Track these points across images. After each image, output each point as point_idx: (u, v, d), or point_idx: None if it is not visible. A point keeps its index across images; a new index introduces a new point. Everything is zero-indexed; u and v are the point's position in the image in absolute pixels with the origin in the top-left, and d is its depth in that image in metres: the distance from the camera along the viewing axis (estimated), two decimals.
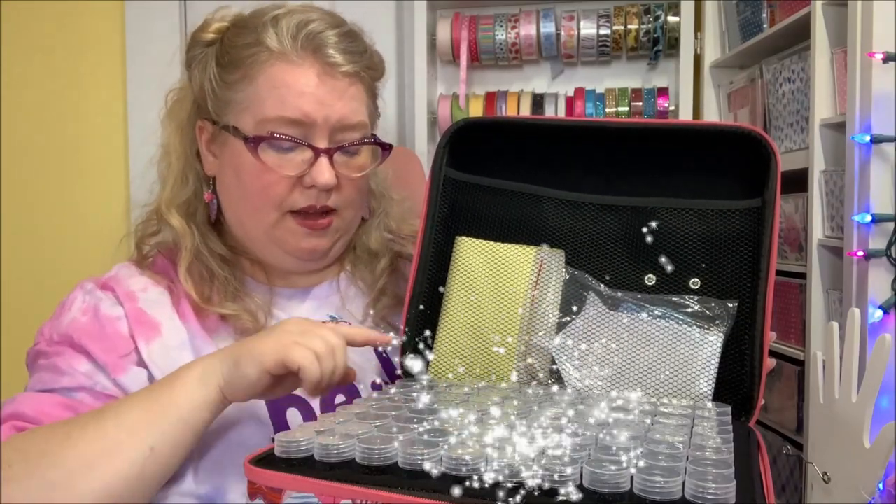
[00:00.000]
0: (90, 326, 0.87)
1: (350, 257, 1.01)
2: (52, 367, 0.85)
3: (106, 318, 0.88)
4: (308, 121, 0.86)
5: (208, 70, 0.91)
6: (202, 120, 0.93)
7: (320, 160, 0.87)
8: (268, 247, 0.92)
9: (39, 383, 0.85)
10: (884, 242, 1.25)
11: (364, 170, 0.92)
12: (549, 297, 0.84)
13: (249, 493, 0.65)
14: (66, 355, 0.86)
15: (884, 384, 0.94)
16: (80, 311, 0.89)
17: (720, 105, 1.97)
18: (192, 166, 0.94)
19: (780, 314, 1.61)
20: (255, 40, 0.88)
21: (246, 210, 0.91)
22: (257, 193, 0.88)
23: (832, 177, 1.42)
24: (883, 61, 1.23)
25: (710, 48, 1.95)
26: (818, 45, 1.44)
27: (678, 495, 0.51)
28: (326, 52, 0.88)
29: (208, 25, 0.93)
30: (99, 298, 0.90)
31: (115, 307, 0.89)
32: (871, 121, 1.26)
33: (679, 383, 0.77)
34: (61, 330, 0.87)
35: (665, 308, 0.80)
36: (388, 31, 2.11)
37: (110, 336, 0.87)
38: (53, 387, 0.84)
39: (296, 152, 0.88)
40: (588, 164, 0.88)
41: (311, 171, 0.87)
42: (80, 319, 0.88)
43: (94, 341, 0.86)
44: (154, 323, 0.88)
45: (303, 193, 0.88)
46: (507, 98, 2.00)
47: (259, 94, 0.87)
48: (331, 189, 0.89)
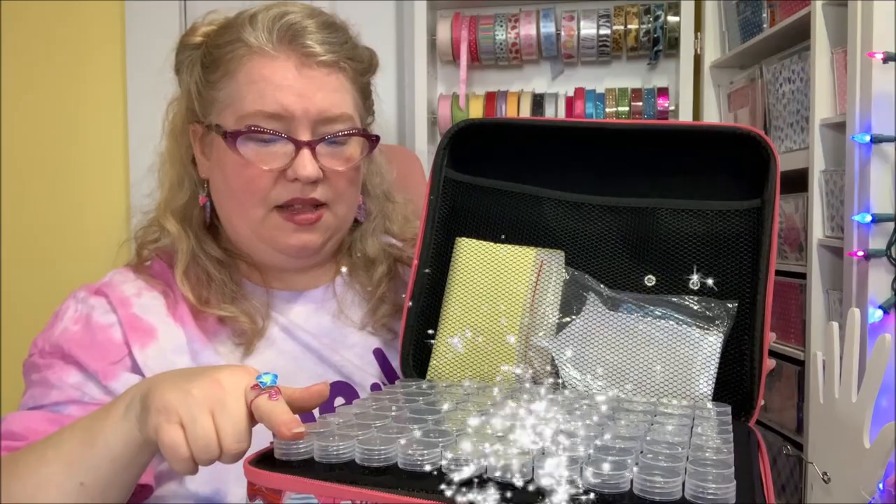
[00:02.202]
0: (81, 335, 0.87)
1: (347, 261, 1.00)
2: (43, 381, 0.85)
3: (98, 325, 0.88)
4: (287, 114, 0.86)
5: (194, 72, 0.92)
6: (193, 124, 0.93)
7: (302, 153, 0.86)
8: (258, 245, 0.92)
9: (31, 400, 0.85)
10: (884, 242, 1.25)
11: (352, 162, 0.91)
12: (549, 297, 0.84)
13: (249, 495, 0.64)
14: (56, 368, 0.85)
15: (884, 384, 0.94)
16: (72, 320, 0.89)
17: (720, 105, 1.97)
18: (187, 171, 0.95)
19: (780, 314, 1.61)
20: (234, 38, 0.89)
21: (233, 208, 0.91)
22: (241, 189, 0.88)
23: (832, 177, 1.42)
24: (883, 61, 1.23)
25: (710, 48, 1.95)
26: (818, 45, 1.44)
27: (678, 495, 0.51)
28: (303, 41, 0.87)
29: (195, 30, 0.94)
30: (91, 307, 0.90)
31: (107, 314, 0.89)
32: (871, 121, 1.26)
33: (679, 383, 0.77)
34: (53, 341, 0.87)
35: (665, 308, 0.80)
36: (388, 31, 2.12)
37: (101, 343, 0.86)
38: (43, 402, 0.84)
39: (277, 146, 0.87)
40: (588, 165, 0.88)
41: (293, 165, 0.86)
42: (72, 329, 0.88)
43: (84, 350, 0.86)
44: (149, 328, 0.88)
45: (286, 187, 0.87)
46: (507, 98, 2.00)
47: (239, 90, 0.87)
48: (316, 182, 0.88)
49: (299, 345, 0.92)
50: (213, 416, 0.64)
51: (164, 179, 0.96)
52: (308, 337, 0.93)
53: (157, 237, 0.96)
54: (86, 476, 0.70)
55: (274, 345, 0.92)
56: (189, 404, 0.64)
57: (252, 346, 0.90)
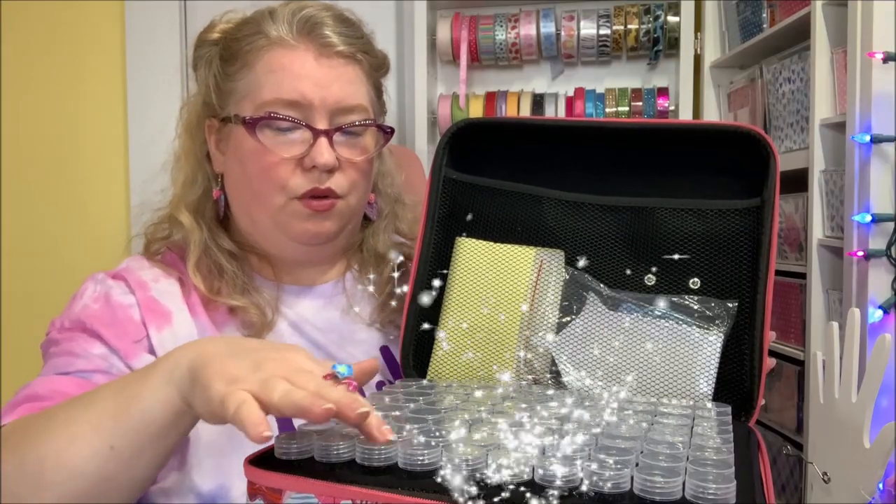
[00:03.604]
0: (102, 312, 0.88)
1: (357, 258, 1.01)
2: (66, 352, 0.85)
3: (118, 304, 0.89)
4: (305, 102, 0.88)
5: (213, 66, 0.94)
6: (209, 119, 0.94)
7: (320, 141, 0.88)
8: (273, 234, 0.93)
9: (53, 368, 0.84)
10: (884, 242, 1.25)
11: (367, 153, 0.93)
12: (548, 297, 0.84)
13: (249, 494, 0.64)
14: (80, 340, 0.85)
15: (884, 384, 0.94)
16: (92, 298, 0.89)
17: (720, 105, 1.97)
18: (201, 167, 0.96)
19: (780, 314, 1.61)
20: (254, 31, 0.91)
21: (251, 196, 0.92)
22: (259, 177, 0.89)
23: (832, 177, 1.42)
24: (883, 61, 1.23)
25: (710, 48, 1.95)
26: (818, 45, 1.44)
27: (678, 495, 0.51)
28: (322, 32, 0.89)
29: (214, 26, 0.96)
30: (110, 287, 0.91)
31: (126, 295, 0.90)
32: (871, 121, 1.26)
33: (679, 383, 0.77)
34: (73, 317, 0.88)
35: (665, 308, 0.80)
36: (388, 31, 2.12)
37: (122, 321, 0.87)
38: (68, 370, 0.82)
39: (295, 134, 0.89)
40: (588, 165, 0.88)
41: (311, 152, 0.88)
42: (92, 306, 0.88)
43: (106, 327, 0.86)
44: (165, 311, 0.89)
45: (304, 176, 0.89)
46: (507, 98, 2.00)
47: (258, 80, 0.89)
48: (333, 171, 0.89)
49: (306, 340, 0.93)
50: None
51: (178, 175, 0.97)
52: (316, 332, 0.93)
53: (167, 234, 0.97)
54: (118, 440, 0.67)
55: (281, 339, 0.93)
56: (264, 379, 0.58)
57: (260, 338, 0.91)
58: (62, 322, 0.88)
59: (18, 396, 0.81)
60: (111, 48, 2.16)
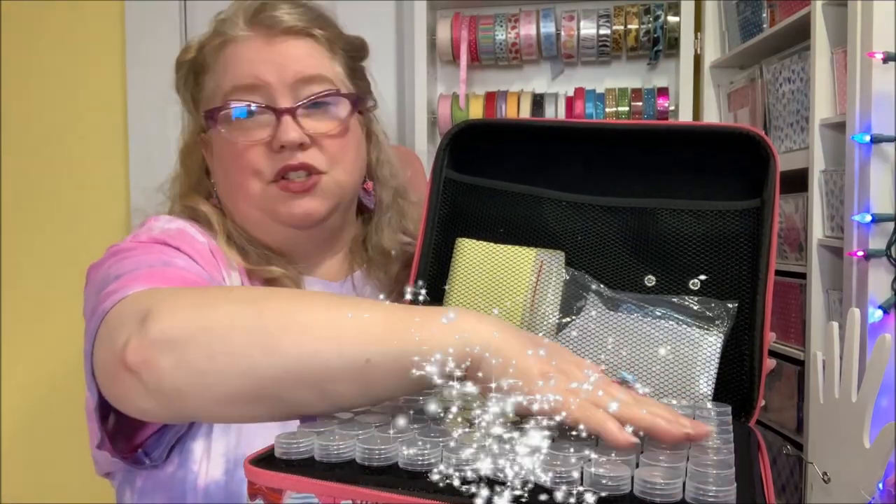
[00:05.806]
0: (180, 237, 0.85)
1: (364, 257, 1.01)
2: (148, 251, 0.79)
3: (193, 237, 0.87)
4: (262, 83, 0.88)
5: (188, 83, 0.95)
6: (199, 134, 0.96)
7: (283, 119, 0.87)
8: (266, 224, 0.92)
9: (136, 266, 0.75)
10: (884, 242, 1.25)
11: (338, 125, 0.92)
12: (549, 298, 0.84)
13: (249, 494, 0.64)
14: (161, 251, 0.80)
15: (884, 384, 0.94)
16: (169, 222, 0.88)
17: (720, 105, 1.97)
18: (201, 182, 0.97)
19: (780, 314, 1.61)
20: (213, 35, 0.93)
21: (234, 190, 0.92)
22: (235, 168, 0.90)
23: (832, 177, 1.42)
24: (883, 61, 1.23)
25: (710, 48, 1.95)
26: (818, 45, 1.44)
27: (678, 497, 0.51)
28: (271, 14, 0.90)
29: (188, 47, 0.97)
30: (183, 224, 0.89)
31: (199, 235, 0.89)
32: (871, 121, 1.26)
33: (679, 383, 0.77)
34: (150, 236, 0.83)
35: (665, 308, 0.80)
36: (388, 31, 2.11)
37: (201, 252, 0.85)
38: (154, 264, 0.76)
39: (261, 118, 0.89)
40: (588, 166, 0.88)
41: (276, 133, 0.88)
42: (171, 229, 0.86)
43: (190, 247, 0.84)
44: (227, 263, 0.89)
45: (276, 158, 0.88)
46: (507, 98, 2.00)
47: (218, 78, 0.91)
48: (305, 147, 0.89)
49: None
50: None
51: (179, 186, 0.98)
52: None
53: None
54: (377, 357, 0.60)
55: None
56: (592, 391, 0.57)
57: None
58: (134, 238, 0.83)
59: (113, 286, 0.70)
60: (111, 48, 2.16)
